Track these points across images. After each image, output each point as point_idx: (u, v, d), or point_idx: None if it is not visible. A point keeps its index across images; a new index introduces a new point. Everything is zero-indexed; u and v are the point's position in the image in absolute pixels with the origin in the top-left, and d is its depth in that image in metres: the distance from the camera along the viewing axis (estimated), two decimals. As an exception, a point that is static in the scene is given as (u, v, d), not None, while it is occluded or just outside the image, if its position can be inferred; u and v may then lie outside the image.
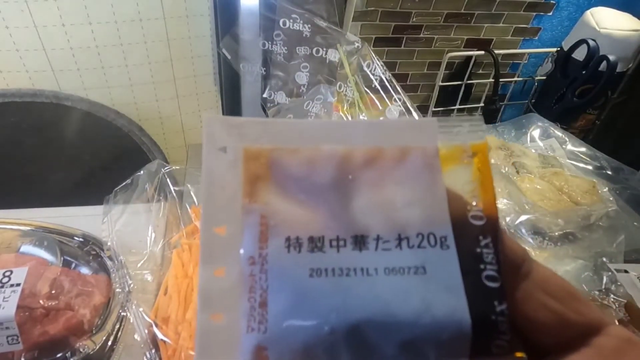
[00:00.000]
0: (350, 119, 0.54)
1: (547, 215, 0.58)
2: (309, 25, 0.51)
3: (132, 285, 0.45)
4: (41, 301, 0.39)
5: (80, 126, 0.71)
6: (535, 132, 0.77)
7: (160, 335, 0.41)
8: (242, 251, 0.15)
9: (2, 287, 0.38)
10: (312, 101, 0.54)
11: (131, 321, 0.43)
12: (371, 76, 0.52)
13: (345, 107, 0.54)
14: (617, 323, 0.46)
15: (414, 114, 0.52)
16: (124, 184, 0.54)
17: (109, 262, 0.47)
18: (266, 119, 0.17)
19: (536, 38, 0.92)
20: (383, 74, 0.52)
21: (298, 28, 0.50)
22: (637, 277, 0.51)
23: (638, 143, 0.87)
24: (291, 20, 0.50)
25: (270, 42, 0.52)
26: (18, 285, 0.38)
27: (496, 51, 0.88)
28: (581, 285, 0.51)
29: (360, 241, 0.15)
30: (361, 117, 0.54)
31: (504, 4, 0.85)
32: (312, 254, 0.14)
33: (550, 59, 0.90)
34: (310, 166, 0.15)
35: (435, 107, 0.94)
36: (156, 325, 0.42)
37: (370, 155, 0.15)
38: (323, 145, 0.15)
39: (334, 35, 0.52)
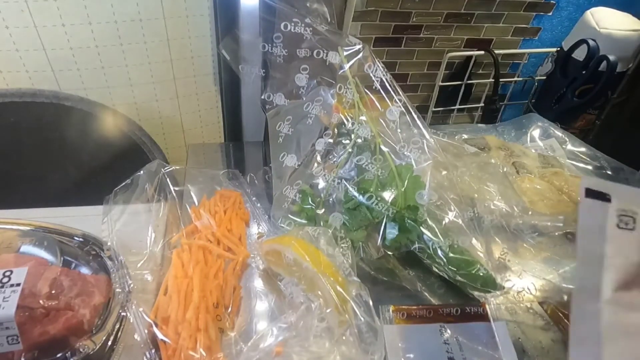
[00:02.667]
0: (350, 119, 0.54)
1: (547, 215, 0.58)
2: (310, 29, 0.50)
3: (132, 285, 0.46)
4: (41, 301, 0.39)
5: (80, 126, 0.71)
6: (535, 132, 0.77)
7: (160, 335, 0.41)
8: None
9: (2, 287, 0.38)
10: (312, 103, 0.54)
11: (131, 321, 0.43)
12: (373, 77, 0.52)
13: (345, 109, 0.54)
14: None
15: (414, 114, 0.52)
16: (124, 184, 0.54)
17: (109, 262, 0.47)
18: None
19: (536, 38, 0.92)
20: (384, 75, 0.52)
21: (299, 31, 0.50)
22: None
23: (638, 143, 0.87)
24: (292, 24, 0.50)
25: (270, 44, 0.52)
26: (18, 285, 0.38)
27: (496, 51, 0.88)
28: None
29: None
30: (361, 118, 0.54)
31: (504, 4, 0.85)
32: None
33: (550, 59, 0.90)
34: None
35: (435, 107, 0.94)
36: (156, 325, 0.42)
37: None
38: None
39: (335, 37, 0.52)
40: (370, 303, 0.44)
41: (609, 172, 0.69)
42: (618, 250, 0.20)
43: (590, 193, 0.21)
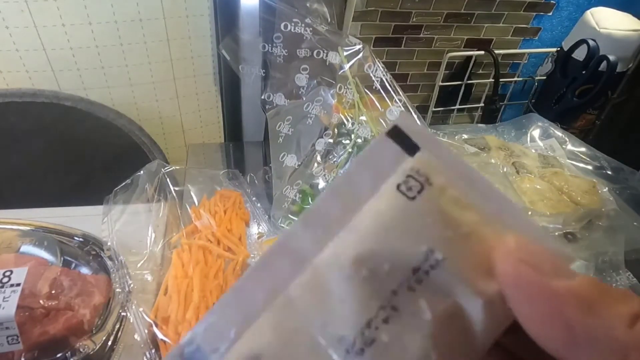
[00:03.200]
0: (350, 120, 0.54)
1: (547, 216, 0.58)
2: (310, 29, 0.50)
3: (132, 285, 0.46)
4: (41, 301, 0.39)
5: (80, 126, 0.71)
6: (535, 132, 0.77)
7: (160, 335, 0.41)
8: None
9: (2, 287, 0.38)
10: (312, 103, 0.54)
11: (131, 321, 0.43)
12: (373, 77, 0.52)
13: (345, 109, 0.54)
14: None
15: (414, 114, 0.52)
16: (124, 184, 0.54)
17: (109, 262, 0.47)
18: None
19: (536, 38, 0.92)
20: (384, 75, 0.52)
21: (299, 31, 0.50)
22: None
23: (638, 143, 0.87)
24: (292, 24, 0.50)
25: (270, 45, 0.52)
26: (18, 285, 0.38)
27: (496, 51, 0.88)
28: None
29: None
30: (361, 118, 0.54)
31: (504, 4, 0.85)
32: None
33: (550, 59, 0.90)
34: None
35: (435, 107, 0.94)
36: (156, 325, 0.42)
37: None
38: None
39: (335, 37, 0.52)
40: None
41: (609, 172, 0.69)
42: (364, 215, 0.15)
43: (396, 134, 0.15)
